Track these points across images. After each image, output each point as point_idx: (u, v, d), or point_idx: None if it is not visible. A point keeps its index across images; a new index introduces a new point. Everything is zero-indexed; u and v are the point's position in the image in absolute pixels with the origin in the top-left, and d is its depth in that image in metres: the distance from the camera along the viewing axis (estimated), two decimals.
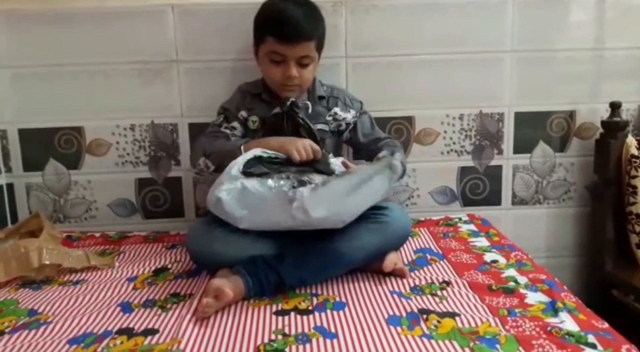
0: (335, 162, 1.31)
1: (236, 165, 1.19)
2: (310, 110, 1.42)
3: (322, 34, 1.42)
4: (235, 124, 1.44)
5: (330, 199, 1.07)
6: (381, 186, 1.14)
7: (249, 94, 1.48)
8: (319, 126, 1.45)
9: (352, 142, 1.54)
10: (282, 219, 1.09)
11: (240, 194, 1.13)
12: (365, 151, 1.52)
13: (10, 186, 1.66)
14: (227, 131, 1.43)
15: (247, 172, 1.18)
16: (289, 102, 1.37)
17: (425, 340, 0.91)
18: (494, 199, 1.76)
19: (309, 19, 1.36)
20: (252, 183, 1.14)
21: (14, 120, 1.63)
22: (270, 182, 1.14)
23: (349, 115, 1.50)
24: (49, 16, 1.58)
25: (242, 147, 1.31)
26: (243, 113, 1.45)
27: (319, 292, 1.14)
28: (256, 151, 1.24)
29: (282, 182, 1.16)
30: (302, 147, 1.24)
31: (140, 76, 1.62)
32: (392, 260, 1.21)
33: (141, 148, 1.66)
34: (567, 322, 0.95)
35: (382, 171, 1.15)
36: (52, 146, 1.65)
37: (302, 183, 1.15)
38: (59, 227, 1.62)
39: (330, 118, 1.48)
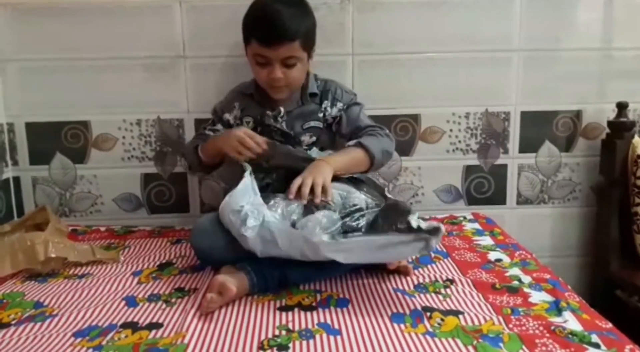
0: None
1: (249, 189, 1.18)
2: (283, 116, 1.40)
3: (308, 32, 1.36)
4: (219, 126, 1.47)
5: (349, 251, 1.04)
6: (409, 254, 1.11)
7: (241, 95, 1.48)
8: (312, 123, 1.45)
9: (339, 133, 1.49)
10: (297, 254, 1.08)
11: (260, 228, 1.10)
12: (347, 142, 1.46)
13: (16, 179, 1.66)
14: (210, 133, 1.46)
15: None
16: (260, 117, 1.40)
17: (428, 338, 0.91)
18: (498, 198, 1.76)
19: (291, 19, 1.30)
20: (272, 217, 1.12)
21: (20, 113, 1.64)
22: (288, 212, 1.15)
23: (335, 110, 1.46)
24: (56, 10, 1.58)
25: (199, 147, 1.39)
26: (227, 115, 1.47)
27: (323, 288, 1.14)
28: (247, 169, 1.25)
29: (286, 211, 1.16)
30: (238, 144, 1.25)
31: (147, 71, 1.62)
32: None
33: (147, 143, 1.67)
34: (571, 322, 0.95)
35: (415, 244, 1.01)
36: (58, 140, 1.65)
37: (310, 211, 1.15)
38: (65, 221, 1.63)
39: (322, 114, 1.46)
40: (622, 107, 1.62)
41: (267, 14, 1.30)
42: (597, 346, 0.87)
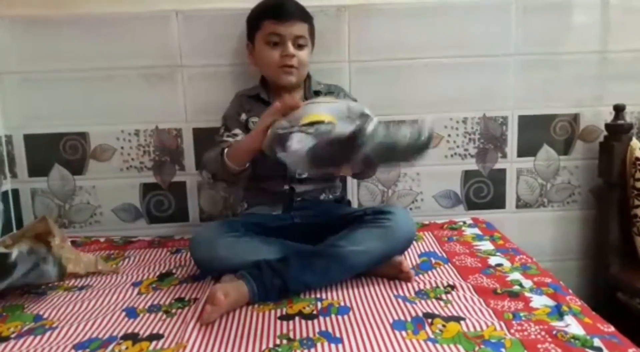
0: None
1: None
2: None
3: (312, 23, 1.48)
4: (237, 130, 1.43)
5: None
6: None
7: (245, 97, 1.49)
8: None
9: None
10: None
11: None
12: None
13: (15, 192, 1.66)
14: (230, 139, 1.40)
15: None
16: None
17: (430, 344, 0.90)
18: (498, 203, 1.75)
19: (300, 5, 1.45)
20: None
21: (19, 125, 1.64)
22: None
23: None
24: (54, 22, 1.59)
25: (225, 151, 1.30)
26: (244, 116, 1.45)
27: (324, 296, 1.14)
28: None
29: None
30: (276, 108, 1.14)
31: (145, 81, 1.63)
32: (405, 263, 1.21)
33: (145, 153, 1.67)
34: (573, 326, 0.95)
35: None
36: (57, 152, 1.65)
37: None
38: (64, 232, 1.62)
39: None
40: (619, 109, 1.62)
41: None
42: (599, 349, 0.87)
